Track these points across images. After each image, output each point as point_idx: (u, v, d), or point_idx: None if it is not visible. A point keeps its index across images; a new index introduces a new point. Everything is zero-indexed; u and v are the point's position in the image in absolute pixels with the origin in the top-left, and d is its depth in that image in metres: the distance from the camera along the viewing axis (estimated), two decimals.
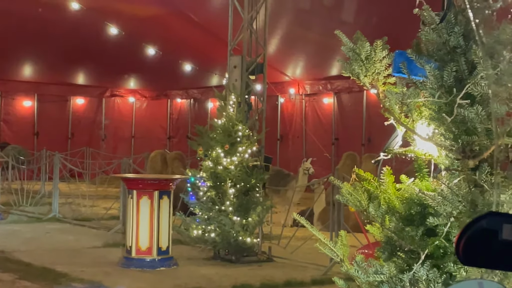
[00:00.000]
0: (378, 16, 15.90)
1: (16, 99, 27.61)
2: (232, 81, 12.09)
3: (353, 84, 21.47)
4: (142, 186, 10.84)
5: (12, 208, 17.18)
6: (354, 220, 13.24)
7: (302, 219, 3.44)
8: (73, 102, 28.59)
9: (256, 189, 11.57)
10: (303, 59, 22.26)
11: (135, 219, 10.70)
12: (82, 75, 27.72)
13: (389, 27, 14.69)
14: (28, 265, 10.53)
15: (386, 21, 15.43)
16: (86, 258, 11.38)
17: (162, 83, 27.62)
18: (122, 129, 29.21)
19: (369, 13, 15.96)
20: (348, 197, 3.31)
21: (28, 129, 27.42)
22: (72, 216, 16.06)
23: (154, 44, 22.83)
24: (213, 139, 11.45)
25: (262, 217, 11.53)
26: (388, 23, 15.02)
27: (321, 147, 21.42)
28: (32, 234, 13.88)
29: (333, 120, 22.64)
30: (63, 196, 17.15)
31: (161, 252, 10.76)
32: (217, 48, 19.27)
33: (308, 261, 11.27)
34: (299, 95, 23.58)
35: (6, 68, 25.24)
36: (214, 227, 11.17)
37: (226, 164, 11.25)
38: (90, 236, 13.84)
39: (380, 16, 15.87)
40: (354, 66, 3.40)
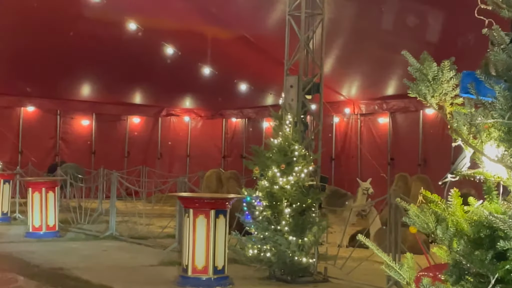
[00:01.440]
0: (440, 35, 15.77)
1: (74, 118, 28.07)
2: (288, 101, 12.09)
3: (409, 104, 21.30)
4: (198, 205, 10.87)
5: (70, 226, 17.42)
6: (411, 241, 13.10)
7: (367, 241, 3.40)
8: (129, 121, 28.96)
9: (312, 209, 11.51)
10: (358, 79, 22.18)
11: (191, 238, 10.73)
12: (138, 95, 28.08)
13: (453, 46, 14.58)
14: (87, 282, 10.65)
15: (449, 40, 15.31)
16: (142, 276, 11.47)
17: (217, 102, 27.79)
18: (177, 148, 29.45)
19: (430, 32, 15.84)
20: (415, 219, 3.27)
21: (86, 147, 27.85)
22: (128, 234, 16.20)
23: (210, 64, 23.01)
24: (269, 159, 11.44)
25: (318, 237, 11.46)
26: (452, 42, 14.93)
27: (377, 167, 21.29)
28: (89, 252, 14.04)
29: (389, 140, 22.46)
30: (120, 214, 17.34)
31: (217, 271, 10.77)
32: (272, 68, 19.34)
33: (365, 282, 11.16)
34: (354, 115, 23.47)
35: (64, 87, 25.72)
36: (269, 247, 11.15)
37: (282, 183, 11.23)
38: (146, 254, 13.94)
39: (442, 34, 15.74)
40: (420, 87, 3.37)
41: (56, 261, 12.55)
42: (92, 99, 27.47)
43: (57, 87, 25.20)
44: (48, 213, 15.95)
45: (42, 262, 12.30)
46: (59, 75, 23.77)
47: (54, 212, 16.08)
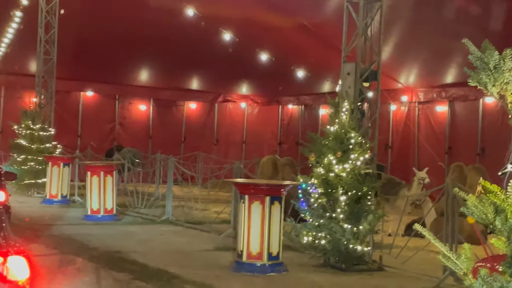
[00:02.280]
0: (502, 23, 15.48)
1: (132, 103, 28.41)
2: (345, 88, 12.02)
3: (468, 92, 20.97)
4: (254, 191, 10.90)
5: (127, 210, 17.66)
6: (468, 231, 12.94)
7: (424, 230, 3.37)
8: (186, 106, 29.18)
9: (368, 197, 11.44)
10: (417, 66, 21.93)
11: (246, 223, 10.77)
12: (195, 81, 28.27)
13: None
14: (143, 265, 10.79)
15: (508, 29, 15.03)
16: (198, 261, 11.57)
17: (273, 89, 27.79)
18: (233, 134, 29.58)
19: (492, 20, 15.55)
20: (473, 210, 3.22)
21: (143, 132, 28.18)
22: (184, 219, 16.35)
23: (267, 50, 23.00)
24: (325, 146, 11.40)
25: (373, 226, 11.39)
26: None
27: (435, 156, 21.03)
28: (146, 236, 14.23)
29: (447, 128, 22.16)
30: (176, 199, 17.51)
31: (272, 258, 10.80)
32: (330, 55, 19.24)
33: (420, 272, 11.07)
34: (412, 103, 23.22)
35: (123, 73, 26.04)
36: (324, 234, 11.13)
37: (338, 171, 11.19)
38: (201, 239, 14.06)
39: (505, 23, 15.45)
40: (481, 76, 3.30)
41: (114, 244, 12.74)
42: (150, 85, 27.76)
43: (116, 72, 25.52)
44: (106, 196, 16.19)
45: (100, 245, 12.50)
46: (118, 60, 24.08)
47: (112, 196, 16.31)
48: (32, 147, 21.29)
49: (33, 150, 21.26)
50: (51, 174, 19.24)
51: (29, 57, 24.14)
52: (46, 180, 19.63)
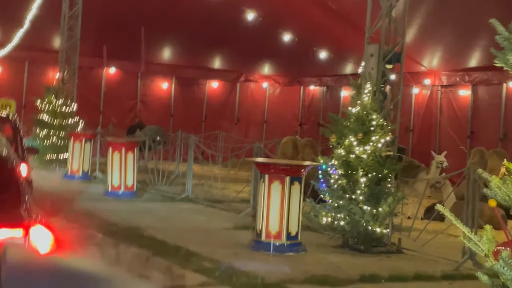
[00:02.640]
0: None
1: (154, 81, 28.46)
2: (368, 70, 11.97)
3: (492, 76, 20.80)
4: (274, 171, 10.90)
5: (147, 187, 17.74)
6: (488, 216, 12.88)
7: (446, 211, 3.36)
8: (208, 85, 29.19)
9: (388, 179, 11.42)
10: (440, 49, 21.76)
11: (266, 203, 10.79)
12: (218, 59, 28.25)
13: None
14: (162, 242, 10.85)
15: None
16: (216, 239, 11.62)
17: (295, 69, 27.72)
18: (254, 113, 29.57)
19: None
20: (497, 191, 3.20)
21: (164, 110, 28.23)
22: (204, 197, 16.41)
23: (290, 31, 22.92)
24: (347, 127, 11.38)
25: (393, 208, 11.38)
26: None
27: (456, 140, 20.92)
28: (166, 213, 14.30)
29: (469, 113, 22.01)
30: (196, 177, 17.56)
31: (290, 237, 10.81)
32: (353, 36, 19.15)
33: (439, 255, 11.06)
34: (434, 86, 23.07)
35: (146, 50, 26.04)
36: (344, 215, 11.13)
37: (359, 153, 11.16)
38: (221, 217, 14.11)
39: None
40: (508, 56, 3.27)
41: (133, 220, 12.81)
42: (172, 63, 27.77)
43: (139, 49, 25.53)
44: (127, 173, 16.25)
45: (120, 221, 12.58)
46: (139, 38, 24.08)
47: (133, 173, 16.37)
48: (55, 123, 21.42)
49: (56, 126, 21.39)
50: (73, 149, 19.35)
51: (53, 33, 24.23)
52: (68, 155, 19.75)
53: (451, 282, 9.47)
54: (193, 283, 8.47)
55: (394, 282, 9.29)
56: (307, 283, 8.85)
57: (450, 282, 9.47)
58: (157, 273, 8.70)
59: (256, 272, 9.13)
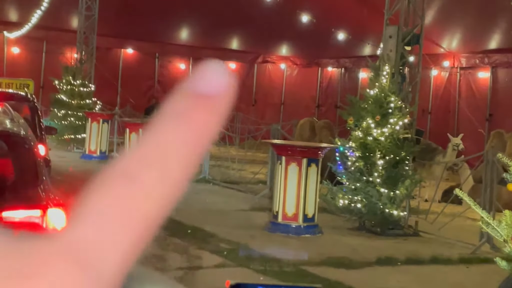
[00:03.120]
0: None
1: (171, 62, 28.46)
2: (386, 51, 11.89)
3: (511, 59, 20.63)
4: (291, 153, 10.89)
5: None
6: (506, 199, 12.81)
7: (464, 195, 3.33)
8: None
9: (406, 162, 11.38)
10: (460, 31, 21.58)
11: (282, 185, 10.79)
12: (235, 40, 28.19)
13: None
14: (179, 223, 10.87)
15: None
16: (233, 220, 11.63)
17: (313, 51, 27.60)
18: (272, 95, 29.51)
19: None
20: None
21: None
22: (221, 178, 16.43)
23: (308, 12, 22.80)
24: (364, 109, 11.33)
25: (410, 191, 11.36)
26: None
27: (475, 122, 20.79)
28: (182, 194, 14.29)
29: (489, 95, 21.85)
30: (214, 158, 17.57)
31: (307, 219, 10.82)
32: (371, 17, 19.02)
33: (456, 239, 11.01)
34: (453, 68, 22.91)
35: (163, 31, 26.05)
36: (360, 198, 11.10)
37: (376, 135, 11.12)
38: (237, 199, 14.12)
39: None
40: None
41: None
42: (189, 43, 27.74)
43: (156, 30, 25.54)
44: None
45: None
46: (158, 19, 24.08)
47: None
48: (73, 103, 21.49)
49: (73, 106, 21.46)
50: (90, 130, 19.41)
51: (71, 13, 24.25)
52: (85, 135, 19.82)
53: (468, 266, 9.44)
54: (210, 264, 8.50)
55: (411, 265, 9.27)
56: (323, 265, 8.85)
57: (467, 266, 9.44)
58: (174, 254, 8.74)
59: (272, 254, 9.15)
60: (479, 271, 9.12)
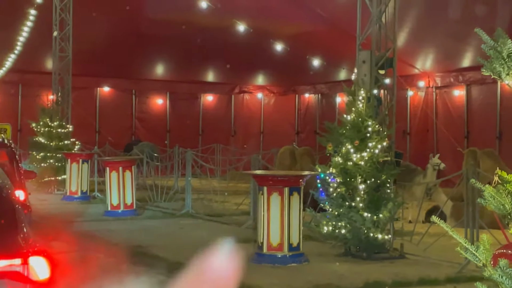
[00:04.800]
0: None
1: (149, 98, 28.47)
2: (361, 76, 11.96)
3: (486, 76, 20.74)
4: (272, 183, 10.90)
5: (147, 204, 17.70)
6: (490, 216, 12.86)
7: (442, 222, 3.33)
8: (203, 99, 29.18)
9: (387, 184, 11.41)
10: (433, 51, 21.78)
11: (266, 215, 10.78)
12: (211, 73, 28.27)
13: None
14: (164, 259, 10.82)
15: None
16: None
17: (290, 78, 27.73)
18: (251, 125, 29.55)
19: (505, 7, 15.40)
20: (491, 200, 3.19)
21: (161, 126, 28.21)
22: (204, 211, 16.37)
23: (282, 40, 22.94)
24: (343, 135, 11.37)
25: (393, 213, 11.37)
26: None
27: (453, 141, 20.89)
28: (166, 230, 14.26)
29: (465, 113, 22.00)
30: (196, 191, 17.53)
31: (292, 248, 10.79)
32: (345, 43, 19.15)
33: (442, 259, 11.02)
34: (429, 88, 23.06)
35: (140, 67, 26.10)
36: (344, 223, 11.11)
37: (356, 159, 11.15)
38: (222, 231, 14.07)
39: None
40: (495, 65, 3.26)
41: (134, 239, 12.78)
42: (166, 78, 27.80)
43: (132, 67, 25.57)
44: (125, 191, 16.22)
45: (121, 240, 12.53)
46: (133, 55, 24.12)
47: (132, 191, 16.34)
48: (51, 145, 21.38)
49: (52, 148, 21.35)
50: (70, 171, 19.31)
51: (45, 55, 24.24)
52: (65, 177, 19.71)
53: (455, 285, 9.44)
54: None
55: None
56: None
57: (455, 285, 9.45)
58: None
59: (259, 285, 9.10)
60: None
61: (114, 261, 10.59)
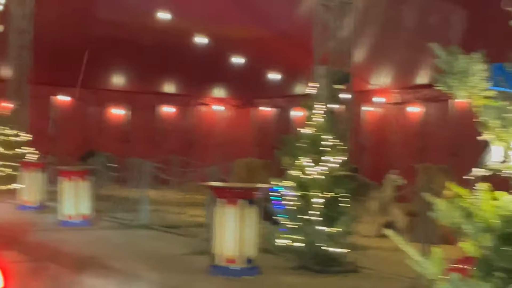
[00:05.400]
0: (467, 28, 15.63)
1: (107, 108, 28.28)
2: (319, 91, 12.06)
3: (441, 93, 21.11)
4: (228, 195, 10.89)
5: (103, 215, 17.55)
6: (443, 230, 13.02)
7: (395, 237, 3.38)
8: (162, 110, 29.08)
9: (343, 199, 11.48)
10: (390, 68, 22.04)
11: (221, 227, 10.76)
12: (170, 84, 28.21)
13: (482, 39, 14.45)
14: (118, 271, 10.73)
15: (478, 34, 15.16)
16: (174, 265, 11.52)
17: (247, 92, 27.81)
18: (208, 137, 29.52)
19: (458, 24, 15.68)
20: (442, 214, 3.24)
21: (119, 137, 28.02)
22: (160, 223, 16.29)
23: (241, 54, 23.01)
24: (300, 149, 11.43)
25: (348, 227, 11.44)
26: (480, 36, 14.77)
27: (409, 157, 21.14)
28: (122, 240, 14.14)
29: (420, 129, 22.27)
30: (152, 203, 17.42)
31: (247, 261, 10.78)
32: (303, 58, 19.29)
33: (395, 273, 11.11)
34: (385, 104, 23.32)
35: (98, 78, 25.93)
36: (300, 237, 11.14)
37: (313, 173, 11.21)
38: (177, 243, 14.00)
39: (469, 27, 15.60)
40: (449, 80, 3.33)
41: (89, 249, 12.65)
42: (125, 89, 27.64)
43: (91, 77, 25.38)
44: (81, 201, 16.06)
45: (75, 251, 12.41)
46: (93, 65, 23.97)
47: (87, 201, 16.18)
48: (7, 153, 21.09)
49: (8, 156, 21.07)
50: (25, 180, 19.06)
51: (2, 62, 23.94)
52: (20, 186, 19.45)
53: None
54: None
55: None
56: None
57: None
58: None
59: None
60: None
61: (67, 272, 10.49)
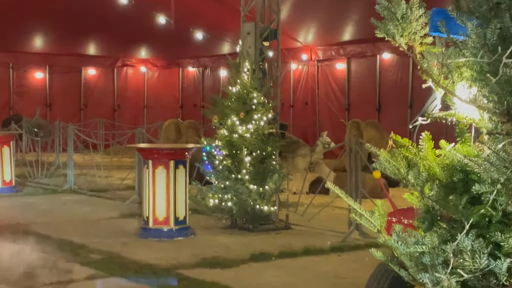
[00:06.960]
0: None
1: (27, 71, 27.49)
2: (245, 48, 11.91)
3: (365, 49, 21.26)
4: (157, 156, 10.74)
5: (27, 181, 17.16)
6: (371, 185, 13.19)
7: (336, 189, 3.30)
8: (84, 72, 28.45)
9: (273, 156, 11.45)
10: (315, 25, 22.01)
11: (151, 189, 10.62)
12: (93, 46, 27.57)
13: None
14: (46, 237, 10.49)
15: None
16: (103, 229, 11.34)
17: (173, 52, 27.43)
18: (134, 99, 29.10)
19: None
20: (386, 165, 3.16)
21: (41, 101, 27.30)
22: (87, 187, 16.03)
23: (165, 12, 22.60)
24: (228, 107, 11.31)
25: (278, 185, 11.44)
26: None
27: (336, 113, 21.28)
28: (48, 206, 13.85)
29: (346, 85, 22.41)
30: (78, 167, 17.10)
31: (178, 222, 10.69)
32: (228, 15, 19.08)
33: (326, 228, 11.21)
34: (311, 61, 23.34)
35: (16, 39, 25.11)
36: (230, 196, 11.08)
37: (242, 132, 11.13)
38: (106, 207, 13.80)
39: None
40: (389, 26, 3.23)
41: (14, 216, 12.35)
42: (45, 51, 26.87)
43: (8, 39, 24.56)
44: (3, 167, 15.66)
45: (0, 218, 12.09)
46: (10, 27, 23.19)
47: (10, 167, 15.78)
48: None
49: None
50: None
51: None
52: None
53: (340, 254, 9.60)
54: (80, 277, 8.21)
55: (284, 258, 9.32)
56: (198, 266, 8.75)
57: (339, 254, 9.60)
58: (42, 269, 8.39)
59: (146, 260, 8.97)
60: (351, 258, 9.29)
61: None
